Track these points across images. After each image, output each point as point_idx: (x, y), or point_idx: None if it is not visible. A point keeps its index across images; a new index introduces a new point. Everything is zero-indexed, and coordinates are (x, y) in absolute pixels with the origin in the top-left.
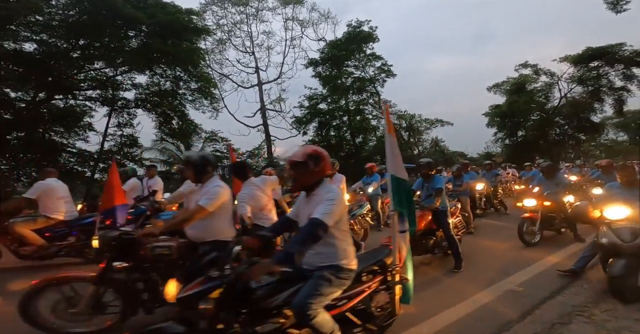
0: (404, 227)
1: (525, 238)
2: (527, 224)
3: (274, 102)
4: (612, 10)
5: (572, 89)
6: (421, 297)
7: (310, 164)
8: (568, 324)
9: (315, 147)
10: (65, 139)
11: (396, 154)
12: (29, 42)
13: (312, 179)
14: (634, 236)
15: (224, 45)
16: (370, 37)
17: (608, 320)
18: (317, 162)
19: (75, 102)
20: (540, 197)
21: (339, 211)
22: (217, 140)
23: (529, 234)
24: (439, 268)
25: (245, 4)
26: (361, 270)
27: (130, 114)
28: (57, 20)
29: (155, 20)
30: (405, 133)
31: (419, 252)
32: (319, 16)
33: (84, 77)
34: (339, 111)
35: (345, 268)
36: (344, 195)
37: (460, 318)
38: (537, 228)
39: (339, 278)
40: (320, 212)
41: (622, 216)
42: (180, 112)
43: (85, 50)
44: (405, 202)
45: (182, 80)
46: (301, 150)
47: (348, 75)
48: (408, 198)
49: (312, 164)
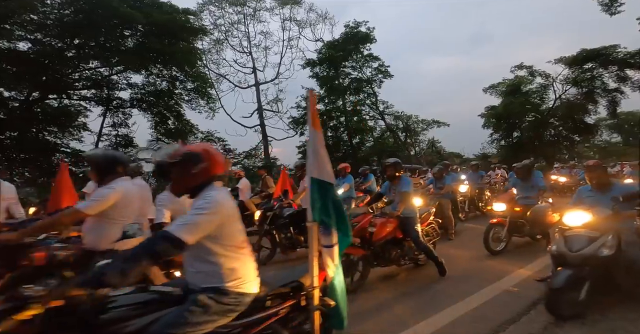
0: (330, 242)
1: (489, 245)
2: (494, 231)
3: (271, 103)
4: (606, 12)
5: (566, 90)
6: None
7: (185, 165)
8: (563, 325)
9: (199, 145)
10: (59, 139)
11: (321, 153)
12: (23, 41)
13: (190, 183)
14: (586, 245)
15: (221, 46)
16: (367, 38)
17: (602, 321)
18: (195, 162)
19: (69, 101)
20: (511, 201)
21: (212, 223)
22: (214, 140)
23: (494, 241)
24: (416, 279)
25: (243, 4)
26: (266, 294)
27: (126, 114)
28: (51, 19)
29: (151, 20)
30: (402, 134)
31: (383, 263)
32: (317, 17)
33: (78, 77)
34: (336, 111)
35: (232, 291)
36: None
37: (454, 320)
38: (503, 235)
39: (220, 303)
40: (177, 224)
41: (579, 223)
42: (176, 112)
43: (80, 49)
44: (333, 211)
45: (179, 80)
46: (175, 149)
47: (345, 76)
48: (336, 205)
49: (188, 165)
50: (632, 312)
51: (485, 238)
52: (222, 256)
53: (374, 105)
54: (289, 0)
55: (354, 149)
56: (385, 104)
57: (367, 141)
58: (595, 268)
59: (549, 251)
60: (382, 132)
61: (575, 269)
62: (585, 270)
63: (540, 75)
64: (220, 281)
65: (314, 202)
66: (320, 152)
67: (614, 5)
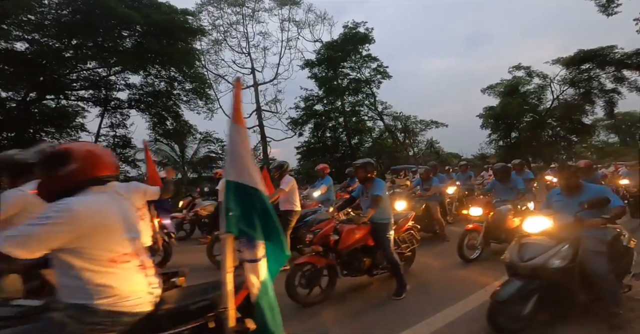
0: (254, 256)
1: (463, 253)
2: (470, 237)
3: (270, 103)
4: (604, 12)
5: (564, 91)
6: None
7: (48, 166)
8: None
9: (76, 144)
10: (56, 140)
11: (241, 154)
12: (21, 41)
13: (55, 186)
14: (539, 254)
15: (219, 46)
16: (366, 39)
17: (600, 322)
18: (60, 163)
19: (67, 102)
20: (488, 205)
21: (58, 235)
22: (212, 141)
23: (469, 248)
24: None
25: (242, 4)
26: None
27: (124, 115)
28: (49, 20)
29: (149, 20)
30: (401, 134)
31: (353, 273)
32: (316, 17)
33: (76, 77)
34: (335, 112)
35: (103, 309)
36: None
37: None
38: (478, 242)
39: (82, 322)
40: (6, 235)
41: (538, 230)
42: (175, 112)
43: (78, 49)
44: (259, 220)
45: (177, 81)
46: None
47: (344, 77)
48: (265, 213)
49: (51, 166)
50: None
51: (459, 245)
52: (88, 271)
53: (373, 105)
54: (288, 1)
55: (353, 150)
56: (384, 104)
57: (366, 141)
58: (545, 280)
59: (503, 259)
60: (380, 133)
61: (525, 280)
62: (535, 282)
63: (538, 76)
64: (87, 298)
65: (228, 210)
66: (241, 152)
67: (611, 6)
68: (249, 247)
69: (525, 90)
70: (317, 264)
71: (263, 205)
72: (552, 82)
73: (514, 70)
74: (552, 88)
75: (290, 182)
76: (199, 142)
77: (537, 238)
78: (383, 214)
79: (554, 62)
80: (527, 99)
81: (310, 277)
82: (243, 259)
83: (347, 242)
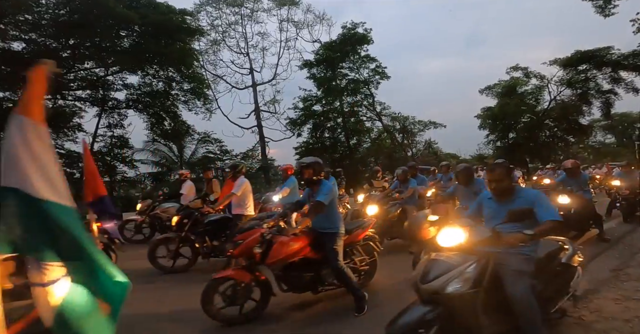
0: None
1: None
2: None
3: (269, 104)
4: (601, 14)
5: (561, 91)
6: None
7: None
8: (557, 325)
9: None
10: (53, 140)
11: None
12: (18, 41)
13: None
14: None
15: (218, 46)
16: (364, 39)
17: (597, 321)
18: None
19: (64, 102)
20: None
21: None
22: (211, 141)
23: None
24: None
25: (240, 4)
26: None
27: (121, 115)
28: (46, 19)
29: (147, 20)
30: (399, 135)
31: (294, 289)
32: (314, 18)
33: (73, 77)
34: (334, 112)
35: None
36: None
37: None
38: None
39: None
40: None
41: (452, 244)
42: (173, 113)
43: (76, 49)
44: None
45: (175, 81)
46: None
47: (342, 77)
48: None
49: None
50: (626, 312)
51: (414, 261)
52: None
53: (371, 106)
54: (287, 1)
55: (351, 150)
56: (382, 105)
57: (364, 142)
58: (443, 306)
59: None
60: (379, 133)
61: (430, 306)
62: (438, 309)
63: (535, 77)
64: None
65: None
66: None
67: (608, 7)
68: (36, 269)
69: (522, 91)
70: (239, 279)
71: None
72: (549, 83)
73: (511, 71)
74: (549, 89)
75: (242, 185)
76: (197, 143)
77: (448, 255)
78: (329, 222)
79: (551, 63)
80: (524, 100)
81: (232, 294)
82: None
83: (278, 255)
